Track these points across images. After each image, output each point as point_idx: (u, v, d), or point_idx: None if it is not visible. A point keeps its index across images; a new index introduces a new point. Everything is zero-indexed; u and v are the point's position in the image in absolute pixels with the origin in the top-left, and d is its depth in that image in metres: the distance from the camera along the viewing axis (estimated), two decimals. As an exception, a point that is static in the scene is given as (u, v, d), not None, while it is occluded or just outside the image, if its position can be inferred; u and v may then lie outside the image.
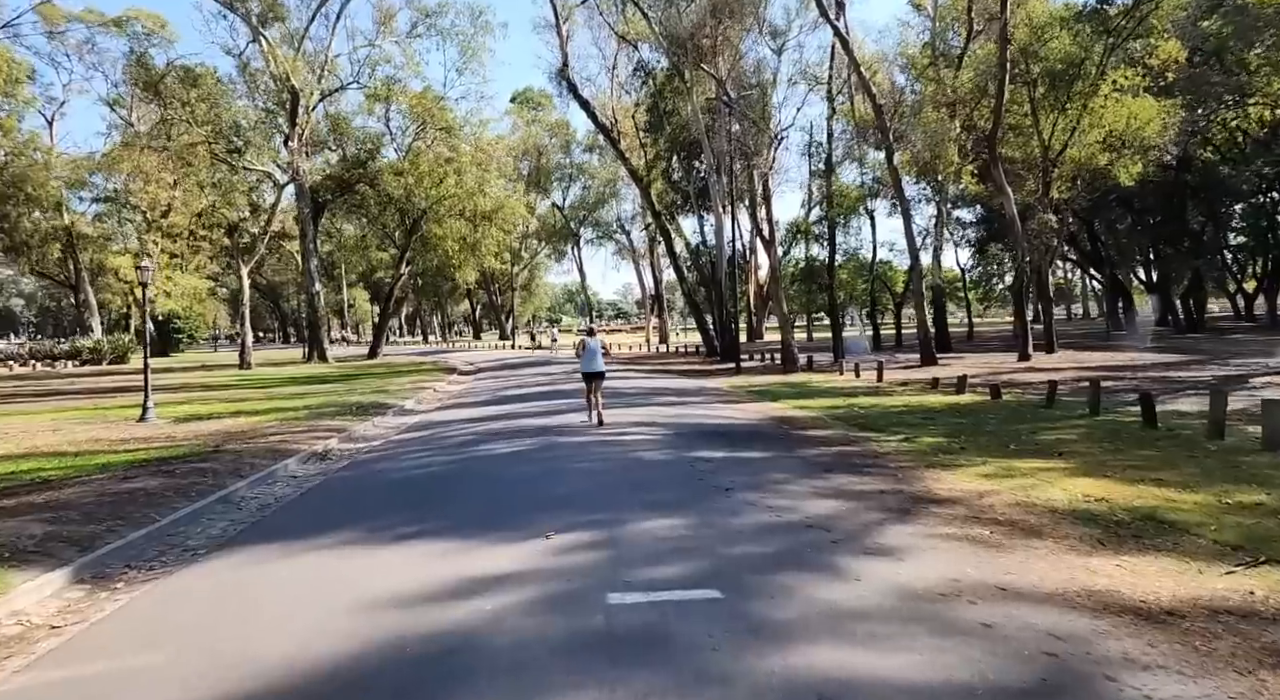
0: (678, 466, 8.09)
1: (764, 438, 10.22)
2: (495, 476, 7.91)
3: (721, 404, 14.71)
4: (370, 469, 8.86)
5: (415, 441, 10.92)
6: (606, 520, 5.85)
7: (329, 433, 11.68)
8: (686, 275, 34.26)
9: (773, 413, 13.22)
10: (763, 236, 23.89)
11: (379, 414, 14.50)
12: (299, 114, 33.17)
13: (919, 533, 5.46)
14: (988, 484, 7.16)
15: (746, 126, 22.78)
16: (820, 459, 8.55)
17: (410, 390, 19.73)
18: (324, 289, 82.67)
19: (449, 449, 9.93)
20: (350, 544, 5.62)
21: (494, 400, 16.86)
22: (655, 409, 13.66)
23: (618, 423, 11.66)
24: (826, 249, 32.30)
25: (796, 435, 10.45)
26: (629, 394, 16.89)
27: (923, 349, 23.89)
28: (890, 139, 23.70)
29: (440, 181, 37.38)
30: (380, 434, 12.12)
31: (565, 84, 32.69)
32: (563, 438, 10.26)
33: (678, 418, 12.31)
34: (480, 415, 13.81)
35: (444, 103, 37.65)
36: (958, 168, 29.50)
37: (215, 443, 10.79)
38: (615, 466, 8.14)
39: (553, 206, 58.39)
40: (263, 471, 8.58)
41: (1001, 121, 24.66)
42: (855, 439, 10.02)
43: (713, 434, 10.50)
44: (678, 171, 33.95)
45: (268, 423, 13.30)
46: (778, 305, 23.94)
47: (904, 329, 40.88)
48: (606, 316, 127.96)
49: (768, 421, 11.99)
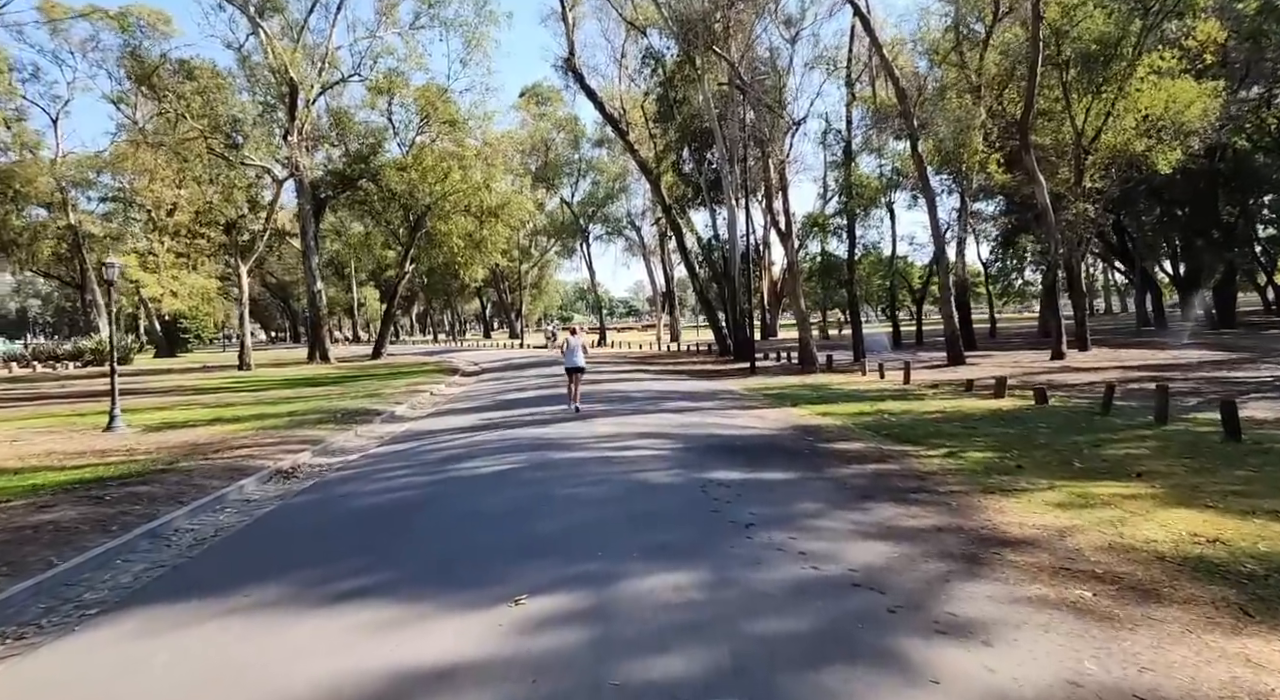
0: (687, 492, 6.86)
1: (786, 453, 8.97)
2: (471, 507, 6.70)
3: (737, 410, 13.46)
4: (333, 492, 7.70)
5: (394, 456, 9.75)
6: (597, 574, 4.63)
7: (303, 445, 10.56)
8: (698, 271, 33.01)
9: (794, 420, 11.96)
10: (779, 229, 22.58)
11: (365, 422, 13.38)
12: (298, 107, 32.17)
13: (1000, 595, 4.21)
14: (1065, 517, 5.89)
15: (761, 112, 21.49)
16: (856, 481, 7.29)
17: (405, 394, 18.63)
18: (334, 288, 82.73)
19: (428, 467, 8.75)
20: (271, 606, 4.44)
21: (491, 405, 15.70)
22: (664, 417, 12.43)
23: (621, 434, 10.46)
24: (844, 242, 31.03)
25: (824, 449, 9.19)
26: (636, 398, 15.68)
27: (949, 347, 22.51)
28: (914, 124, 22.30)
29: (445, 177, 36.32)
30: (360, 446, 10.98)
31: (571, 74, 31.48)
32: (558, 453, 9.05)
33: (688, 427, 11.08)
34: (473, 423, 12.64)
35: (448, 96, 36.54)
36: (983, 156, 28.03)
37: (174, 457, 9.70)
38: (614, 493, 6.92)
39: (561, 203, 57.21)
40: (211, 496, 7.44)
41: (1034, 105, 23.20)
42: (892, 454, 8.75)
43: (728, 448, 9.26)
44: (689, 163, 32.66)
45: (242, 432, 12.21)
46: (794, 302, 22.61)
47: (924, 325, 39.41)
48: (618, 314, 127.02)
49: (789, 431, 10.73)
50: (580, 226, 54.96)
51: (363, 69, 35.49)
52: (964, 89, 28.38)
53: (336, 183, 35.90)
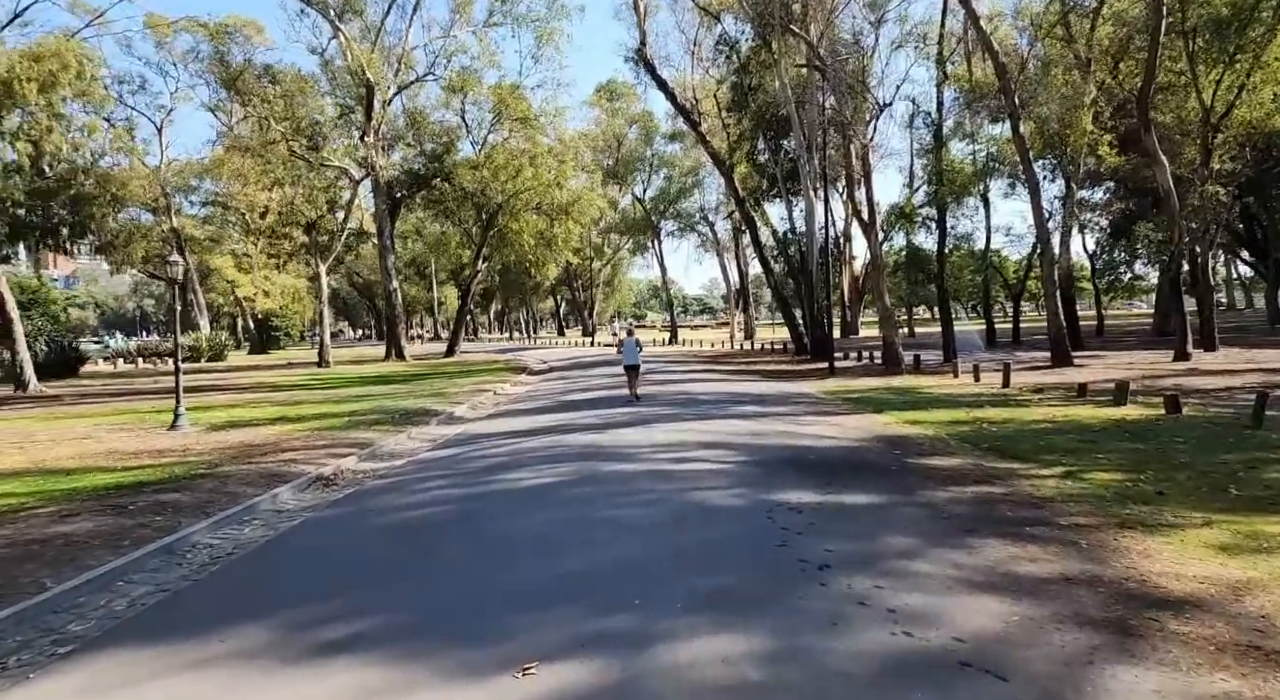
0: (751, 518, 5.88)
1: (870, 470, 7.83)
2: (501, 532, 5.90)
3: (813, 416, 12.30)
4: (365, 505, 7.12)
5: (438, 463, 9.16)
6: (627, 634, 3.74)
7: (352, 448, 10.15)
8: (773, 266, 31.62)
9: (878, 430, 10.72)
10: (861, 220, 21.08)
11: (422, 423, 12.98)
12: (374, 108, 32.68)
13: (1173, 691, 3.08)
14: (1235, 565, 4.62)
15: (842, 95, 20.02)
16: (955, 509, 6.13)
17: (468, 393, 18.29)
18: (416, 287, 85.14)
19: (469, 477, 8.08)
20: (246, 657, 3.77)
21: (551, 407, 15.07)
22: (732, 423, 11.43)
23: (682, 442, 9.53)
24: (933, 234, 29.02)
25: (914, 466, 8.01)
26: (704, 401, 14.70)
27: (1054, 346, 20.43)
28: (1015, 102, 20.32)
29: (516, 174, 36.25)
30: (409, 450, 10.49)
31: (642, 64, 30.62)
32: (609, 465, 8.21)
33: (758, 436, 10.05)
34: (528, 427, 11.99)
35: (520, 92, 36.42)
36: (1093, 138, 25.51)
37: (222, 459, 9.45)
38: (663, 517, 6.00)
39: (633, 199, 56.60)
40: (241, 505, 7.00)
41: (1155, 78, 20.76)
42: (996, 473, 7.50)
43: (801, 463, 8.20)
44: (764, 153, 31.29)
45: (299, 432, 11.99)
46: (878, 297, 21.04)
47: (1019, 323, 36.58)
48: (691, 311, 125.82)
49: (873, 443, 9.54)
50: (652, 223, 54.15)
51: (437, 68, 35.87)
52: (1070, 65, 25.95)
53: (411, 182, 36.39)
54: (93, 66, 22.35)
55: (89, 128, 26.36)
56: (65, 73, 19.39)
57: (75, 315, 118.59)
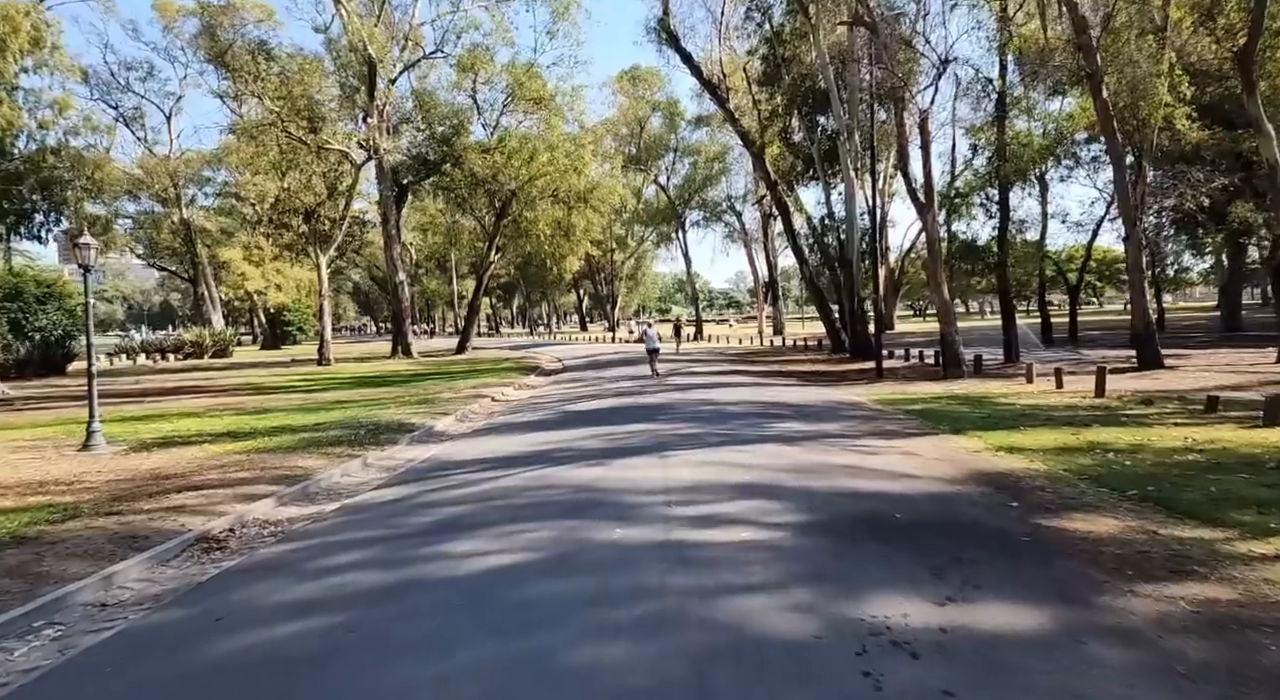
0: (833, 674, 3.32)
1: (991, 543, 5.23)
2: (389, 693, 3.43)
3: (874, 438, 9.65)
4: (226, 600, 4.68)
5: (374, 514, 6.72)
6: None
7: (276, 485, 7.78)
8: (807, 256, 28.81)
9: (968, 460, 8.06)
10: (916, 199, 18.31)
11: (389, 442, 10.60)
12: (377, 87, 30.43)
13: None
14: None
15: (893, 53, 17.19)
16: (1185, 648, 3.50)
17: (463, 399, 15.92)
18: (436, 281, 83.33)
19: (399, 546, 5.61)
20: None
21: (551, 420, 12.61)
22: (772, 449, 8.85)
23: (706, 486, 6.98)
24: (986, 219, 26.07)
25: (1052, 533, 5.38)
26: (732, 415, 12.11)
27: (1140, 346, 17.48)
28: (1096, 62, 17.39)
29: (530, 159, 33.83)
30: (353, 486, 8.09)
31: (664, 35, 27.95)
32: (603, 530, 5.66)
33: (812, 472, 7.47)
34: (513, 451, 9.52)
35: (534, 70, 33.94)
36: (1169, 111, 22.35)
37: (104, 498, 7.16)
38: (677, 674, 3.42)
39: (656, 187, 53.88)
40: (37, 602, 4.62)
41: (1261, 32, 17.64)
42: (1187, 550, 4.89)
43: (884, 525, 5.62)
44: (798, 131, 28.45)
45: (234, 455, 9.69)
46: (936, 289, 18.24)
47: (1076, 317, 33.45)
48: (717, 306, 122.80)
49: (971, 486, 6.90)
50: (676, 211, 51.38)
51: (446, 45, 33.46)
52: (1145, 29, 22.79)
53: (419, 167, 34.12)
54: (53, 34, 20.27)
55: (60, 105, 24.39)
56: (14, 37, 17.29)
57: (103, 309, 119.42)
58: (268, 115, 28.56)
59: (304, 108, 28.22)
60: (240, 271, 50.46)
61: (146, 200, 55.58)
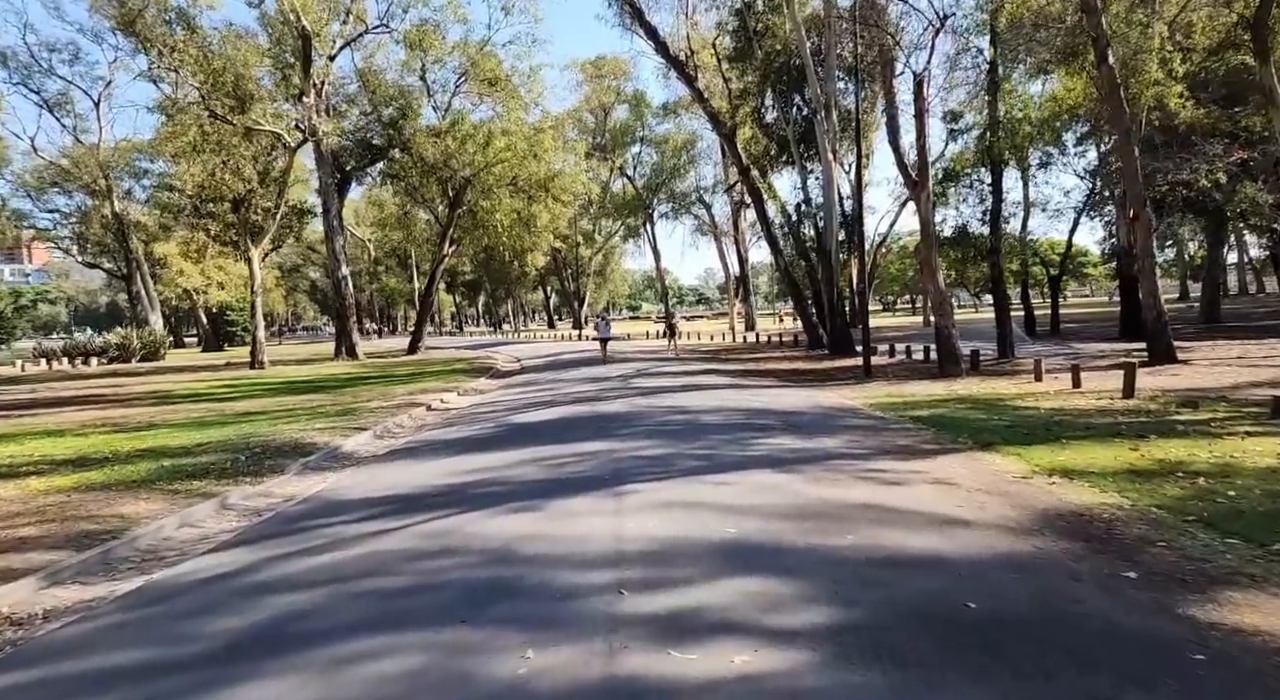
0: None
1: (1134, 659, 3.17)
2: None
3: (888, 459, 7.60)
4: None
5: (174, 606, 4.47)
6: None
7: (72, 543, 5.49)
8: (782, 246, 26.88)
9: (1021, 492, 6.03)
10: (907, 175, 16.44)
11: (272, 471, 8.28)
12: (313, 63, 27.70)
13: None
14: None
15: (881, 9, 15.22)
16: None
17: (392, 409, 13.60)
18: (396, 279, 79.90)
19: (168, 682, 3.38)
20: None
21: (488, 437, 10.38)
22: (763, 478, 6.75)
23: (679, 544, 4.81)
24: (972, 205, 24.35)
25: (1225, 639, 3.33)
26: (707, 426, 10.00)
27: (1152, 339, 15.80)
28: (1100, 24, 15.68)
29: (486, 144, 31.38)
30: (182, 545, 5.80)
31: (628, 8, 25.74)
32: (502, 662, 3.47)
33: (823, 525, 5.36)
34: (424, 486, 7.27)
35: (488, 49, 31.48)
36: (1160, 90, 20.88)
37: None
38: None
39: (622, 176, 51.62)
40: None
41: None
42: None
43: (959, 633, 3.52)
44: (772, 111, 26.48)
45: (55, 493, 7.38)
46: (930, 276, 16.33)
47: (1058, 310, 32.22)
48: (687, 302, 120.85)
49: (1054, 543, 4.83)
50: (644, 203, 49.19)
51: (392, 21, 30.78)
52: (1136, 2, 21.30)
53: (363, 152, 31.42)
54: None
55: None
56: None
57: (46, 311, 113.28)
58: (192, 93, 25.79)
59: (229, 83, 25.39)
60: (177, 268, 46.97)
61: (78, 194, 51.80)
